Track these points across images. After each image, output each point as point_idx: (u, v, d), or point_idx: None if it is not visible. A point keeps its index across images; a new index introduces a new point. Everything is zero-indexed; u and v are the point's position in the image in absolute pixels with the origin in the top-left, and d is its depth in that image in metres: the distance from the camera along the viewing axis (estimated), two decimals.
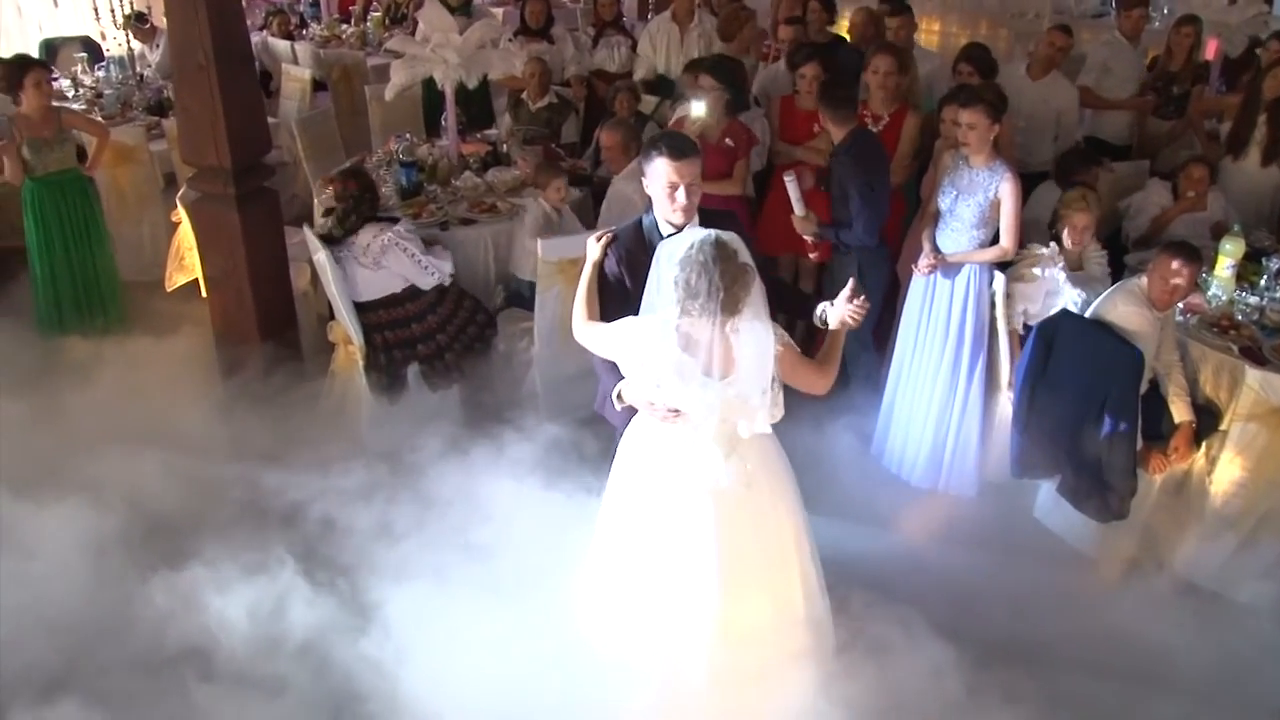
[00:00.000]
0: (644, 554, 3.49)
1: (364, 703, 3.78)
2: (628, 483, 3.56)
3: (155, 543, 4.42)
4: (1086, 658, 4.15)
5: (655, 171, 3.48)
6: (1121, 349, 4.31)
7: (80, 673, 3.85)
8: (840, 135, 5.06)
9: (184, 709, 3.74)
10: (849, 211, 5.04)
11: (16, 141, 6.01)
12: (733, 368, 3.14)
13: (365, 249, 5.12)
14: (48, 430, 5.04)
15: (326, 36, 10.06)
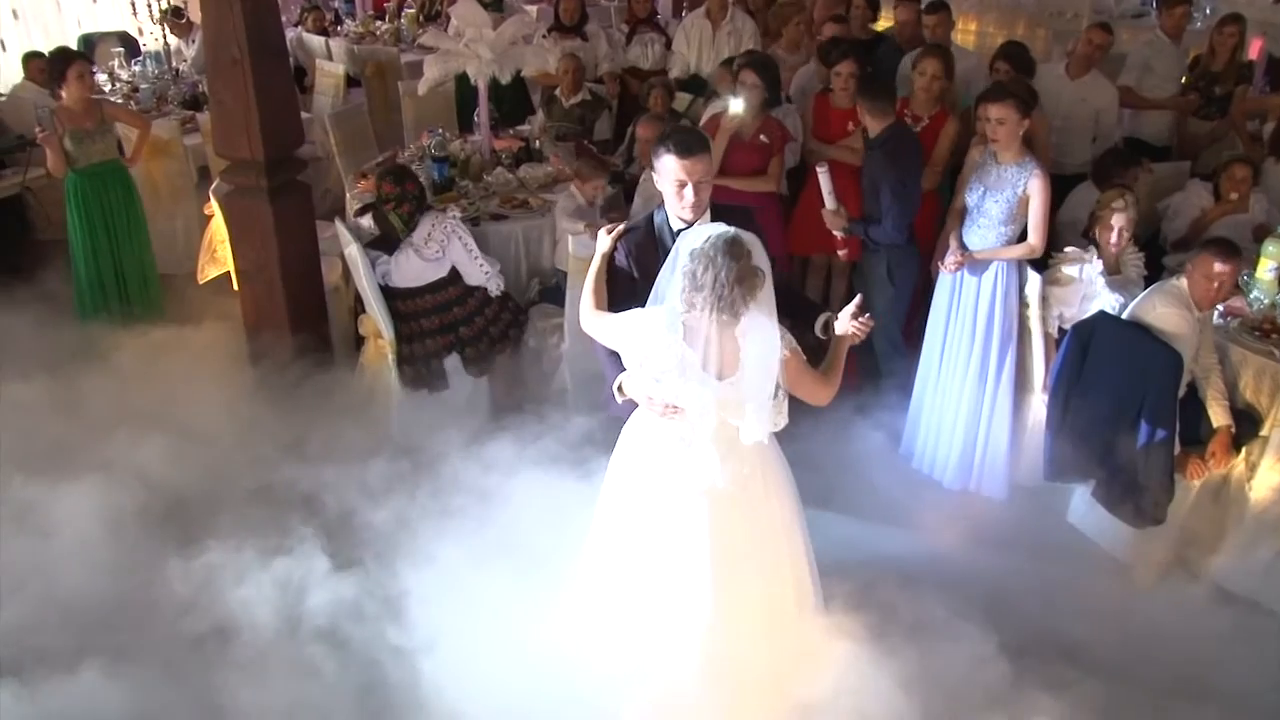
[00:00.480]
0: (637, 550, 3.48)
1: (385, 690, 3.80)
2: (624, 477, 3.54)
3: (177, 524, 4.49)
4: (1117, 662, 4.07)
5: (664, 168, 3.47)
6: (1159, 351, 4.24)
7: (100, 649, 3.87)
8: (877, 129, 5.02)
9: (206, 689, 3.78)
10: (879, 207, 5.00)
11: (59, 133, 6.05)
12: (735, 369, 3.10)
13: (427, 239, 5.14)
14: (81, 414, 5.10)
15: (361, 33, 10.09)
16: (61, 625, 3.98)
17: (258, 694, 3.74)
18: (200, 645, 3.96)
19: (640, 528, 3.46)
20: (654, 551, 3.43)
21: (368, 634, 3.98)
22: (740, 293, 2.99)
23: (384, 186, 5.18)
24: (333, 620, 4.03)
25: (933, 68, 5.46)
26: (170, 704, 3.73)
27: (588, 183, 5.64)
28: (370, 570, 4.26)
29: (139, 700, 3.69)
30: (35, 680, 3.73)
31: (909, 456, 5.37)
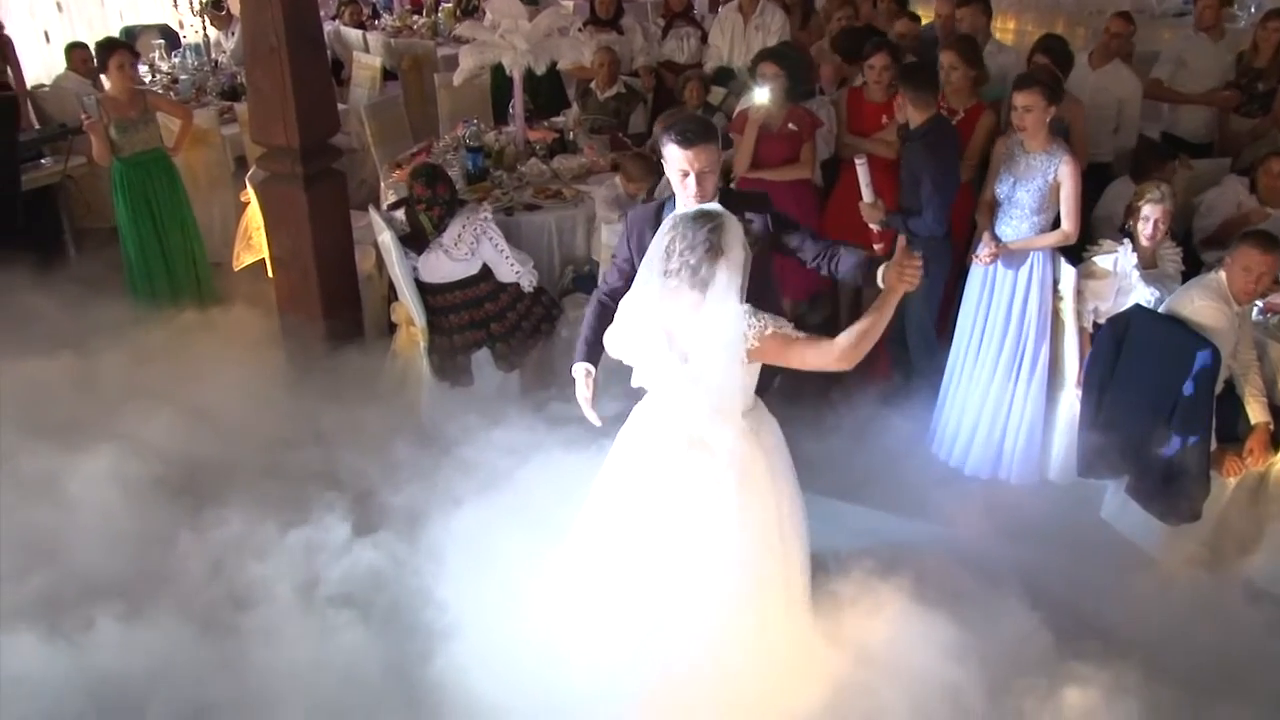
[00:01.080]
0: (639, 529, 3.51)
1: (403, 661, 3.86)
2: (626, 461, 3.61)
3: (202, 496, 4.58)
4: (1151, 652, 3.97)
5: (669, 157, 3.51)
6: (1196, 345, 4.18)
7: (129, 611, 3.96)
8: (919, 119, 4.99)
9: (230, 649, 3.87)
10: (917, 199, 4.97)
11: (104, 122, 6.13)
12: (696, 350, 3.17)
13: (456, 240, 5.16)
14: (110, 393, 5.18)
15: (398, 27, 10.17)
16: (94, 587, 4.06)
17: (279, 655, 3.81)
18: (224, 608, 4.04)
19: (642, 506, 3.49)
20: (652, 523, 3.46)
21: (388, 602, 4.07)
22: (706, 264, 3.06)
23: (416, 188, 5.19)
24: (353, 588, 4.12)
25: (949, 59, 5.40)
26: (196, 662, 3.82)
27: (633, 183, 5.62)
28: (392, 544, 4.32)
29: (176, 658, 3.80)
30: (71, 637, 3.84)
31: (938, 448, 5.33)
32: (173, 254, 6.43)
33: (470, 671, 3.73)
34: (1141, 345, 4.38)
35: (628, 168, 5.70)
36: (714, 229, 3.09)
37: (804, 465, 4.20)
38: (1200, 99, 6.89)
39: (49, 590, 4.05)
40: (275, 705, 3.66)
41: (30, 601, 3.99)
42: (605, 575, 3.63)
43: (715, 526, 3.40)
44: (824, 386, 5.40)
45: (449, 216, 5.20)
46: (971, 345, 5.09)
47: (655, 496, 3.46)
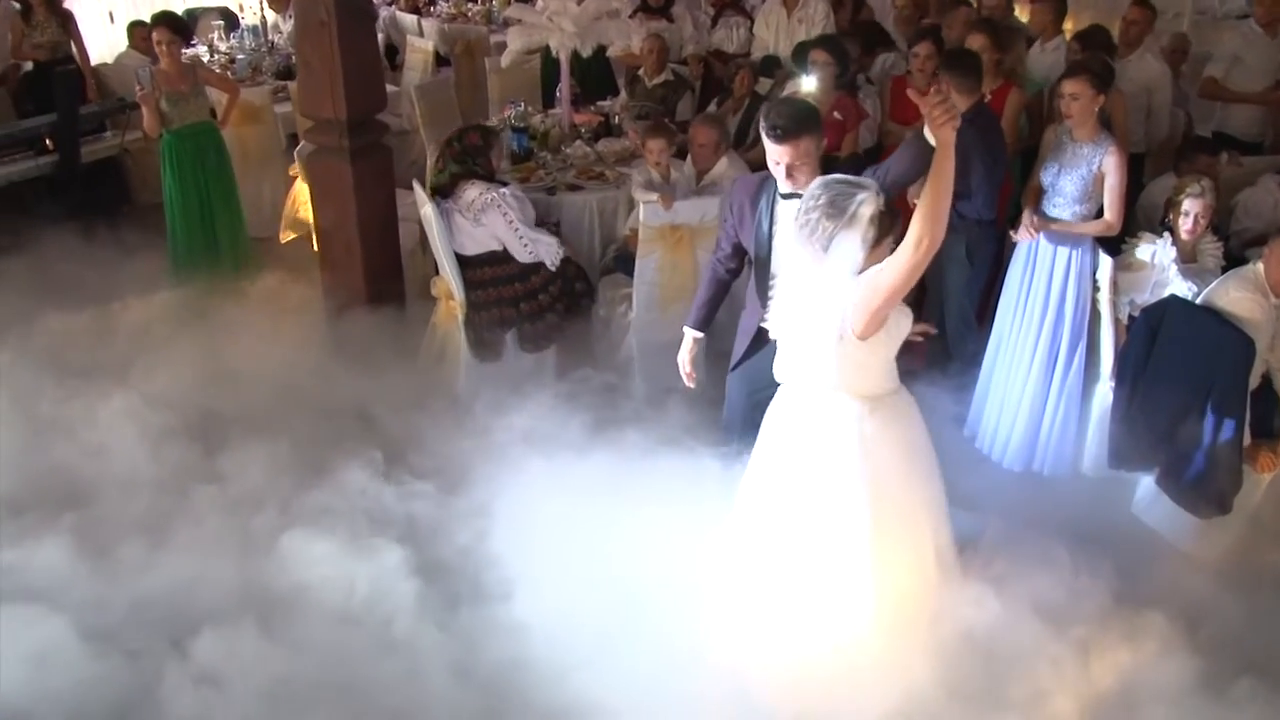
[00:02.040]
0: (790, 511, 3.49)
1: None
2: (774, 445, 3.57)
3: (239, 454, 4.67)
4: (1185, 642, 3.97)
5: (765, 145, 3.58)
6: (1231, 336, 4.14)
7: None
8: (964, 105, 4.99)
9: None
10: (965, 182, 4.97)
11: (156, 94, 6.27)
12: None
13: (470, 204, 5.21)
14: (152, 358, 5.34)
15: (453, 13, 10.28)
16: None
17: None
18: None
19: (792, 489, 3.48)
20: (807, 510, 3.45)
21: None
22: (826, 224, 3.10)
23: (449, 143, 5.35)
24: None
25: (978, 42, 5.41)
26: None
27: (650, 150, 5.64)
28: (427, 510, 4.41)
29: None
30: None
31: (973, 436, 5.31)
32: (217, 226, 6.56)
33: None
34: (1176, 336, 4.34)
35: (643, 139, 5.75)
36: (845, 194, 3.11)
37: None
38: (1255, 98, 6.80)
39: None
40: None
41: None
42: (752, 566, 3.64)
43: (846, 511, 3.40)
44: None
45: (461, 166, 5.27)
46: (1010, 335, 5.07)
47: (793, 478, 3.48)
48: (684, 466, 4.24)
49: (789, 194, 3.79)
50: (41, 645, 3.61)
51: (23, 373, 5.12)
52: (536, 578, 3.92)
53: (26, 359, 5.23)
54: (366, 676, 3.67)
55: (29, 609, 3.76)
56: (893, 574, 3.48)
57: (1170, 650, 3.76)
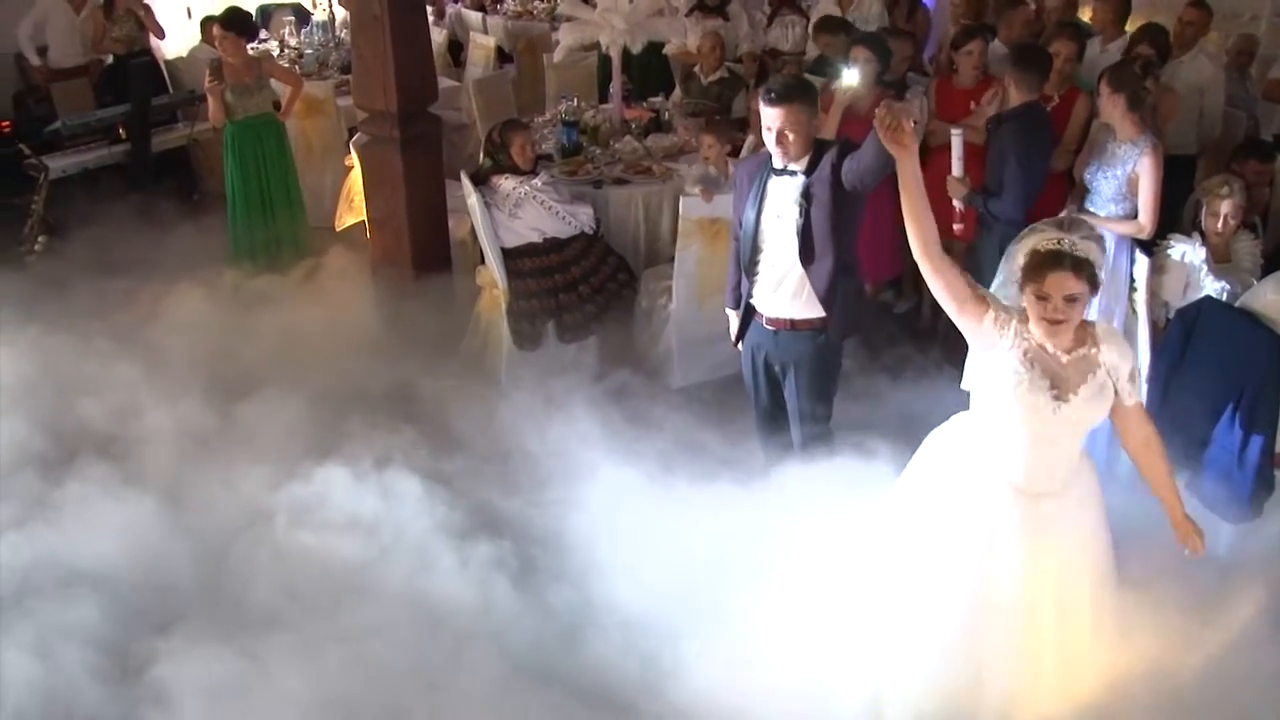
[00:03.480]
0: (936, 548, 3.25)
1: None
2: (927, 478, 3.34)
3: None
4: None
5: (760, 115, 3.64)
6: (1263, 338, 4.06)
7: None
8: (1018, 100, 5.01)
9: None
10: (997, 181, 4.97)
11: (222, 86, 6.49)
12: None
13: (505, 197, 5.36)
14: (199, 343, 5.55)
15: (519, 11, 10.41)
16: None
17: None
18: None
19: (944, 525, 3.24)
20: (957, 552, 3.19)
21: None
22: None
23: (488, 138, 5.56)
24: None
25: (1067, 50, 5.35)
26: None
27: (702, 144, 5.72)
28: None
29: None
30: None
31: None
32: (276, 214, 6.75)
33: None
34: (1209, 338, 4.27)
35: (697, 135, 5.79)
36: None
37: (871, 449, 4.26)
38: None
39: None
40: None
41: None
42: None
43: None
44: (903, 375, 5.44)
45: (495, 173, 5.43)
46: None
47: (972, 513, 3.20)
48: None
49: (780, 169, 3.92)
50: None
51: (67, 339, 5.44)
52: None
53: (76, 328, 5.53)
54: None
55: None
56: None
57: None
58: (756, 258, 4.06)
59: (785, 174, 3.94)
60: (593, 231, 5.60)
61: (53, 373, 5.23)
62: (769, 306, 4.12)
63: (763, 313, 4.15)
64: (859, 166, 3.69)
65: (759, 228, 4.02)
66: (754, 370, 4.36)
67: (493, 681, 3.63)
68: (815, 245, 3.93)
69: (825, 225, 3.90)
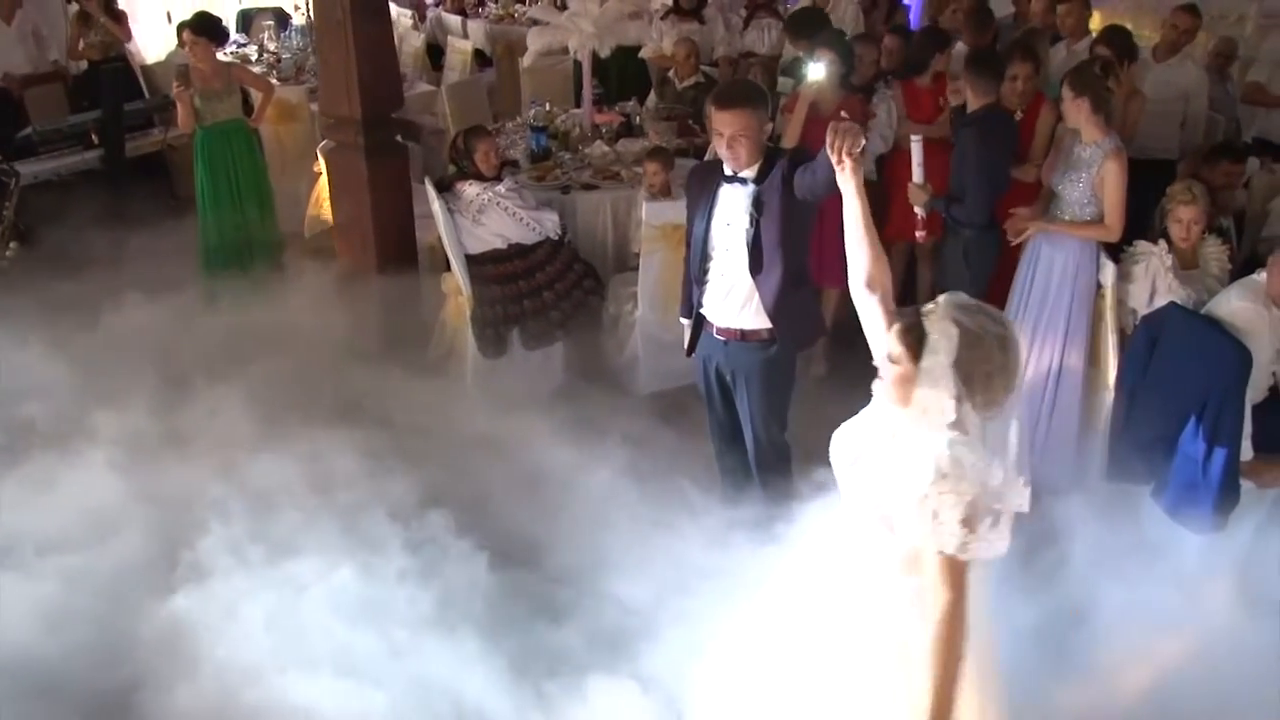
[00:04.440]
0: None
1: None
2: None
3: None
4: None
5: (711, 117, 3.57)
6: (1227, 345, 4.01)
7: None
8: (976, 104, 4.97)
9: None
10: (960, 185, 4.94)
11: (191, 91, 6.45)
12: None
13: (469, 203, 5.32)
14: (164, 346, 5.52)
15: (501, 15, 10.37)
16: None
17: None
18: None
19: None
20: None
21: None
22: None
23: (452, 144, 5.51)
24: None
25: (1025, 71, 5.27)
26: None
27: (646, 169, 5.69)
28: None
29: None
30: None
31: None
32: (247, 220, 6.70)
33: None
34: (1174, 345, 4.23)
35: (649, 161, 5.73)
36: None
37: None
38: None
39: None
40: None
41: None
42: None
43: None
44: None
45: (458, 179, 5.39)
46: None
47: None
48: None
49: (731, 176, 3.88)
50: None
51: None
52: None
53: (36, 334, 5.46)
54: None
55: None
56: None
57: None
58: (706, 266, 4.01)
59: (736, 181, 3.89)
60: (558, 238, 5.56)
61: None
62: (719, 316, 4.07)
63: (713, 322, 4.09)
64: (811, 178, 3.63)
65: (709, 235, 3.97)
66: (707, 381, 4.30)
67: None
68: (764, 255, 3.87)
69: (775, 235, 3.84)
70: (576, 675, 3.61)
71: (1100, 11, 11.14)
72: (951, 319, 2.48)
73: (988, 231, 5.05)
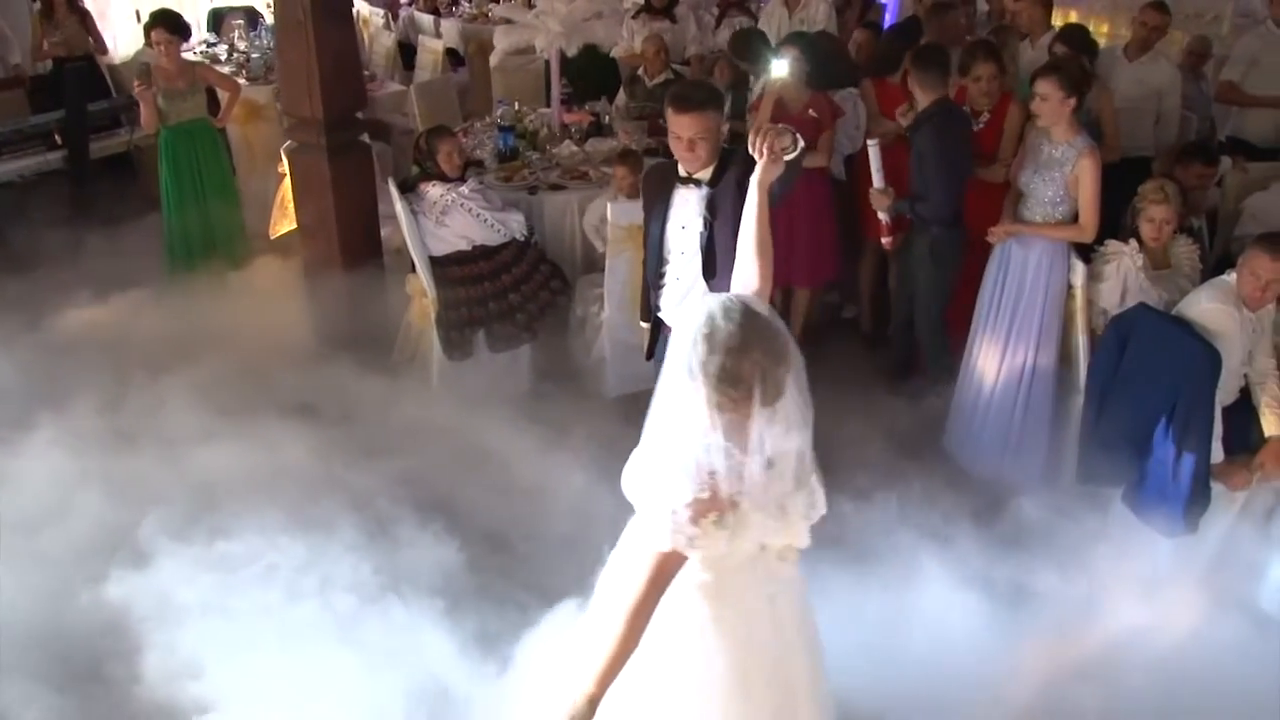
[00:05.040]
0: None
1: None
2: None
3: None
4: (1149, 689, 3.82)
5: (668, 119, 3.49)
6: (1196, 346, 3.97)
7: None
8: (925, 101, 4.92)
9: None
10: (923, 183, 4.90)
11: (154, 90, 6.35)
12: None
13: (433, 204, 5.24)
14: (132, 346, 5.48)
15: (475, 14, 10.28)
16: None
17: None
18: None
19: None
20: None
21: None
22: (783, 373, 2.36)
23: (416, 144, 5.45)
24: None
25: (988, 71, 5.16)
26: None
27: (615, 171, 5.62)
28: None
29: None
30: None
31: (953, 446, 5.20)
32: (212, 220, 6.62)
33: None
34: (1144, 346, 4.18)
35: (618, 165, 5.64)
36: (778, 330, 2.40)
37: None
38: (1276, 101, 6.55)
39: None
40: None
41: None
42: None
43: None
44: (842, 381, 5.36)
45: (421, 180, 5.32)
46: (982, 341, 4.97)
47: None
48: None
49: (685, 178, 3.84)
50: None
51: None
52: None
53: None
54: None
55: None
56: None
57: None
58: (662, 270, 3.96)
59: (691, 183, 3.83)
60: (525, 239, 5.48)
61: None
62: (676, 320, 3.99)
63: (670, 326, 4.02)
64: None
65: (664, 238, 3.91)
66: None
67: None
68: (718, 259, 3.81)
69: (729, 239, 3.74)
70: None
71: (1077, 11, 11.22)
72: (702, 316, 2.36)
73: (953, 229, 5.01)
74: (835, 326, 6.44)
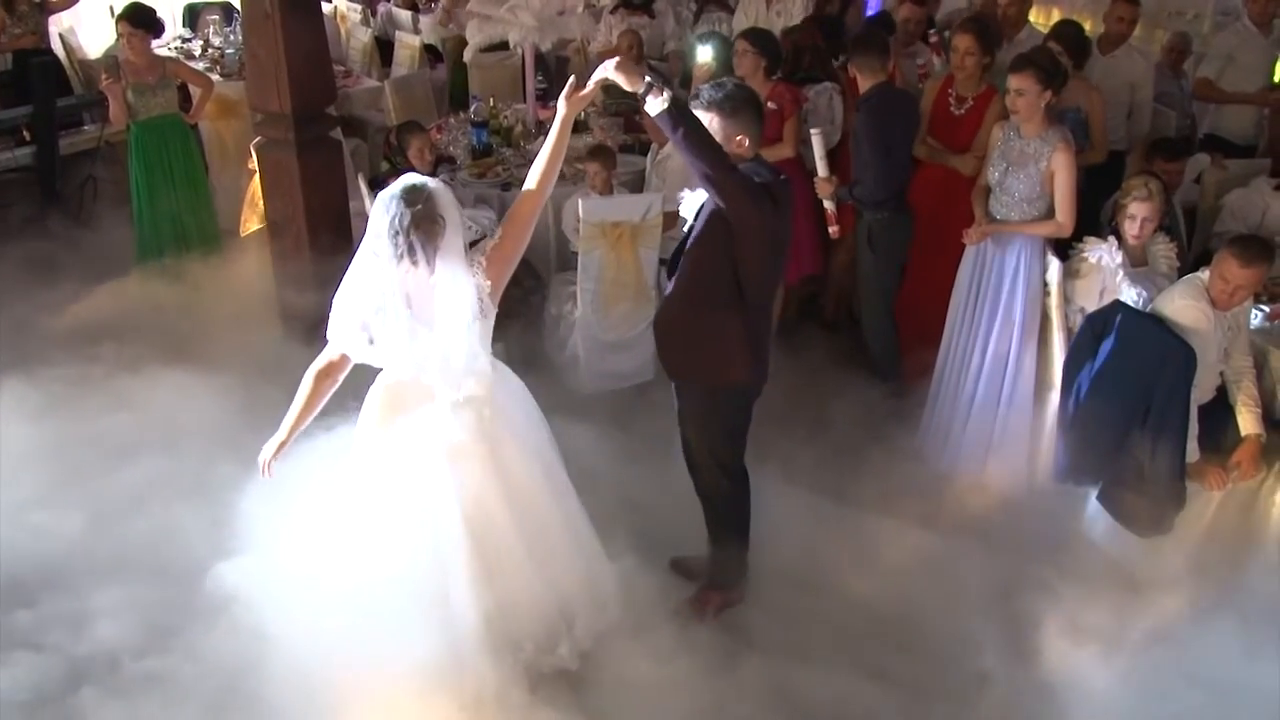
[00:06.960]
0: (389, 519, 3.36)
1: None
2: (370, 443, 3.44)
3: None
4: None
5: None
6: (1170, 344, 3.95)
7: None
8: (865, 86, 4.96)
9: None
10: (861, 166, 4.99)
11: (123, 85, 6.26)
12: (434, 320, 3.18)
13: None
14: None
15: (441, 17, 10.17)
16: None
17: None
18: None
19: (389, 494, 3.36)
20: (405, 519, 3.34)
21: None
22: (419, 239, 3.07)
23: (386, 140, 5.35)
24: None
25: (965, 44, 5.09)
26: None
27: (587, 167, 5.58)
28: None
29: None
30: None
31: (929, 447, 5.14)
32: (183, 216, 6.55)
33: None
34: (1119, 343, 4.14)
35: (590, 161, 5.62)
36: (426, 202, 3.10)
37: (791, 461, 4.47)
38: (1249, 98, 6.54)
39: None
40: None
41: None
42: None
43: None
44: (819, 382, 5.33)
45: (392, 174, 5.20)
46: (958, 339, 4.93)
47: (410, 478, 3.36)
48: None
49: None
50: None
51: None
52: None
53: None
54: None
55: None
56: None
57: None
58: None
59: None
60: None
61: None
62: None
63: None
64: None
65: None
66: None
67: None
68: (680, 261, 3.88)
69: (693, 241, 3.79)
70: None
71: (1059, 9, 11.18)
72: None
73: (896, 214, 5.01)
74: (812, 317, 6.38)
